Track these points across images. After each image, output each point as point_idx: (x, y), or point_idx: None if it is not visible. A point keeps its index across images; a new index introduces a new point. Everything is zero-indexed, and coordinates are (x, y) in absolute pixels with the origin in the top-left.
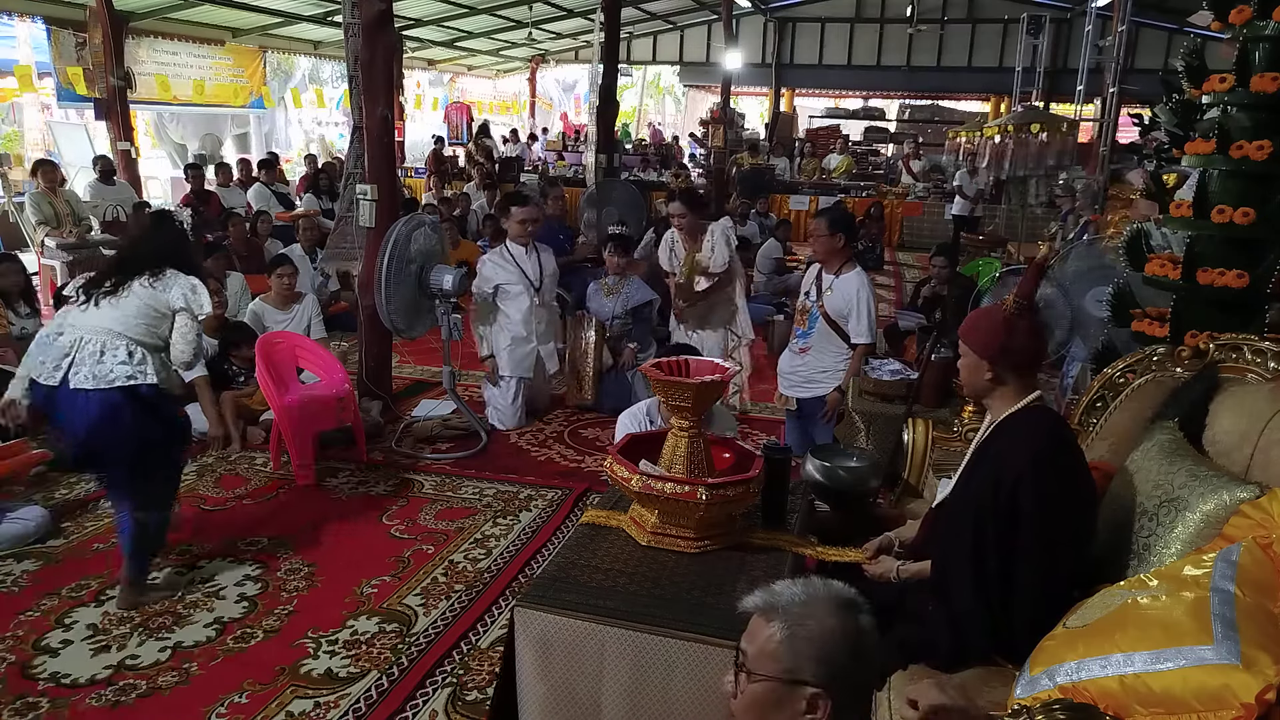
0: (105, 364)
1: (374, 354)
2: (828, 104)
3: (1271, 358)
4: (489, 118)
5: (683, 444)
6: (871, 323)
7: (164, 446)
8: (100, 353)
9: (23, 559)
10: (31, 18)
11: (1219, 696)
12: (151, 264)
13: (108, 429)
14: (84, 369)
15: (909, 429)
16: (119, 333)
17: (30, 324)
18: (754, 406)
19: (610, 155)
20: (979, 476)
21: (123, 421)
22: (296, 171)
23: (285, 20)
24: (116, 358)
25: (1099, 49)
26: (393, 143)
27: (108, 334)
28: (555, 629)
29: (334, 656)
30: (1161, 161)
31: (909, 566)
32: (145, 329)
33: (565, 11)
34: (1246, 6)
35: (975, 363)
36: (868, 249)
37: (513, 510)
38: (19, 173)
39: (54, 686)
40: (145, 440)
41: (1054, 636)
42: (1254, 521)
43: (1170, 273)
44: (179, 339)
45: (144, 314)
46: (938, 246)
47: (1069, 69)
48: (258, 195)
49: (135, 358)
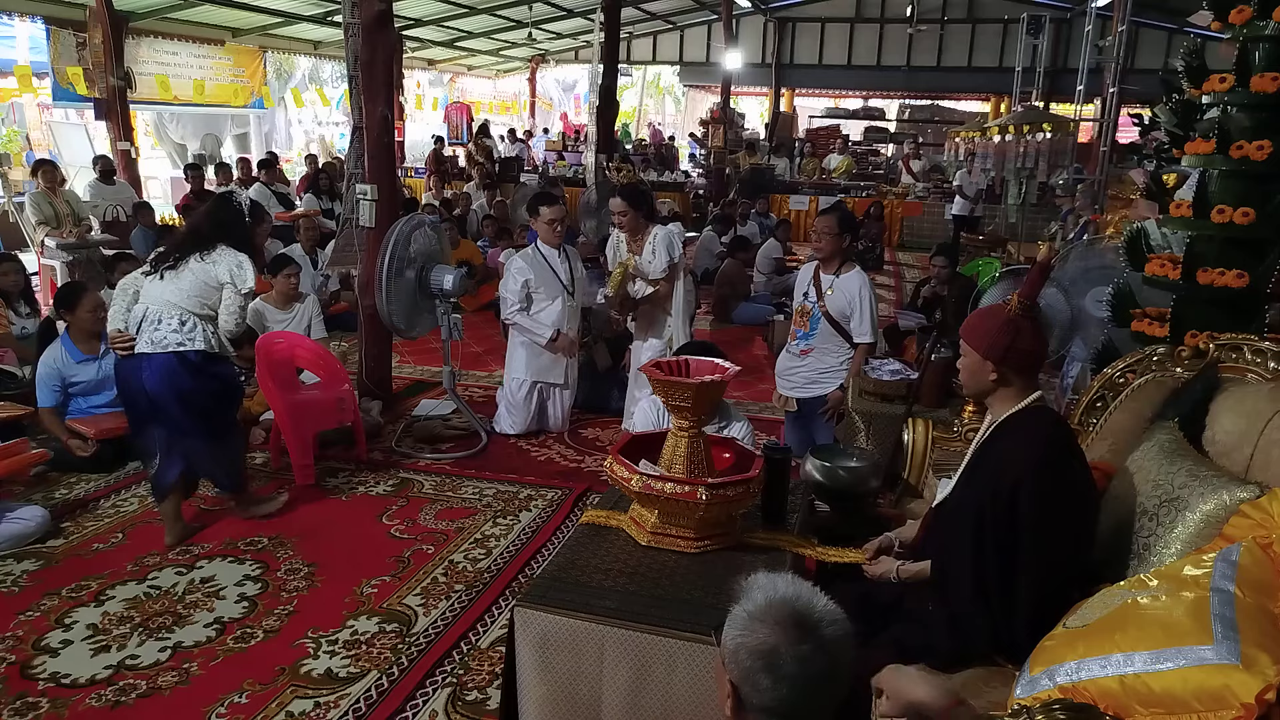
0: (160, 331)
1: (374, 354)
2: (828, 104)
3: (1271, 358)
4: (489, 118)
5: (683, 444)
6: (874, 322)
7: (215, 401)
8: (158, 321)
9: (23, 559)
10: (31, 17)
11: (1219, 696)
12: (207, 242)
13: (162, 387)
14: (145, 335)
15: (909, 429)
16: (175, 304)
17: (30, 324)
18: (754, 407)
19: (610, 155)
20: (979, 477)
21: (174, 381)
22: (296, 171)
23: (285, 20)
24: (170, 326)
25: (1099, 49)
26: (393, 143)
27: (165, 305)
28: (555, 629)
29: (334, 656)
30: (1161, 161)
31: (909, 566)
32: (197, 301)
33: (565, 11)
34: (1246, 6)
35: (979, 363)
36: (868, 249)
37: (513, 510)
38: (19, 172)
39: (54, 686)
40: (195, 396)
41: (1054, 636)
42: (1254, 521)
43: (1170, 273)
44: (223, 311)
45: (196, 287)
46: (938, 246)
47: (1069, 69)
48: (258, 195)
49: (186, 326)
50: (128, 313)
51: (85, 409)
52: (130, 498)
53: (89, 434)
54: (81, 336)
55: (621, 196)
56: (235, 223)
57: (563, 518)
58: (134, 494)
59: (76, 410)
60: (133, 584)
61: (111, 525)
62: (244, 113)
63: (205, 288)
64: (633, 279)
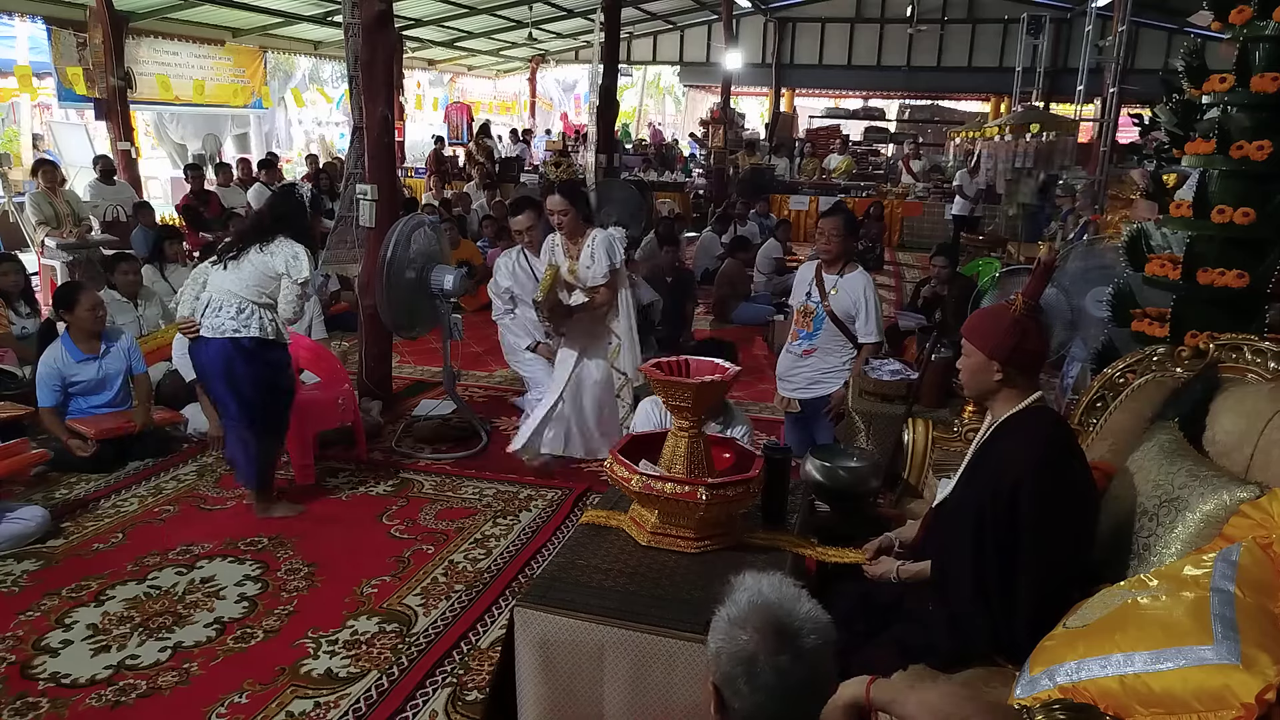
0: (219, 318)
1: (374, 354)
2: (828, 104)
3: (1271, 358)
4: (489, 118)
5: (683, 444)
6: (879, 322)
7: (266, 392)
8: (219, 308)
9: (23, 559)
10: (31, 17)
11: (1219, 696)
12: (268, 233)
13: (219, 369)
14: (207, 321)
15: (909, 429)
16: (234, 293)
17: (30, 324)
18: (754, 407)
19: (610, 155)
20: (980, 477)
21: (227, 364)
22: (297, 171)
23: (285, 20)
24: (228, 313)
25: (1099, 49)
26: (393, 143)
27: (226, 293)
28: (555, 629)
29: (334, 656)
30: (1161, 161)
31: (909, 566)
32: (256, 290)
33: (565, 11)
34: (1246, 6)
35: (983, 363)
36: (868, 249)
37: (513, 510)
38: (19, 172)
39: (54, 686)
40: (246, 381)
41: (1054, 636)
42: (1254, 521)
43: (1170, 273)
44: (281, 300)
45: (255, 277)
46: (938, 246)
47: (1069, 69)
48: (258, 195)
49: (243, 314)
50: (196, 300)
51: (85, 409)
52: (130, 498)
53: (89, 434)
54: (81, 336)
55: (562, 194)
56: (296, 214)
57: (563, 518)
58: (134, 494)
59: (76, 410)
60: (133, 584)
61: (111, 525)
62: (244, 113)
63: (263, 278)
64: (568, 287)
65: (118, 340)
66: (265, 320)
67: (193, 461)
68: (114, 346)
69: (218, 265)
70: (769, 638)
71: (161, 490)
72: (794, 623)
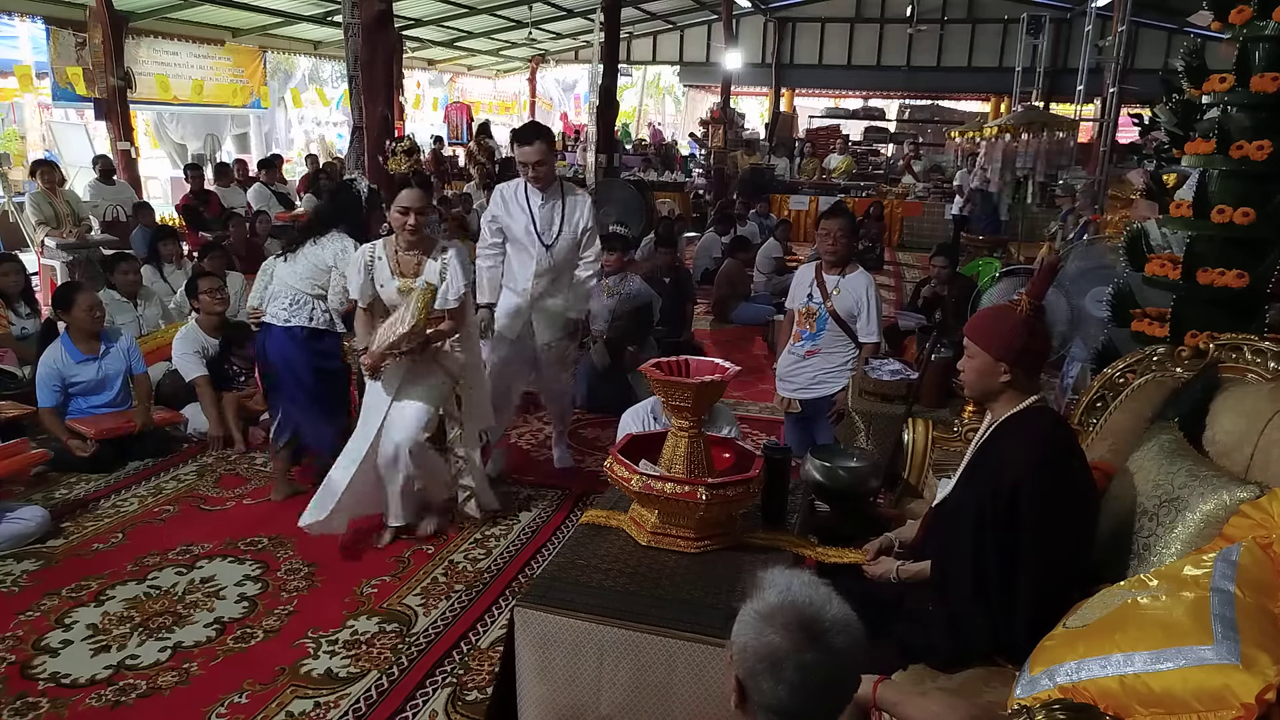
0: (275, 307)
1: None
2: (828, 104)
3: (1271, 358)
4: (489, 117)
5: (683, 444)
6: (880, 321)
7: (320, 378)
8: (277, 299)
9: (23, 559)
10: (31, 17)
11: (1219, 696)
12: (323, 226)
13: (274, 356)
14: (270, 310)
15: (909, 429)
16: (290, 285)
17: (30, 324)
18: (754, 407)
19: (610, 155)
20: (980, 477)
21: (282, 351)
22: (296, 171)
23: (285, 20)
24: (282, 304)
25: (1099, 49)
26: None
27: (284, 285)
28: (555, 629)
29: (334, 656)
30: (1161, 161)
31: (909, 566)
32: (309, 282)
33: (565, 11)
34: (1246, 6)
35: (989, 364)
36: (868, 249)
37: (513, 510)
38: (19, 172)
39: (54, 686)
40: (300, 368)
41: (1054, 636)
42: (1254, 521)
43: (1170, 273)
44: (331, 291)
45: (308, 270)
46: (938, 246)
47: (1069, 69)
48: (258, 195)
49: (296, 304)
50: (264, 291)
51: (85, 409)
52: (130, 498)
53: (89, 434)
54: (81, 336)
55: (420, 188)
56: (351, 209)
57: (563, 518)
58: (134, 494)
59: (76, 410)
60: (133, 584)
61: (111, 525)
62: (244, 113)
63: (316, 270)
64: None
65: (117, 340)
66: (317, 311)
67: (193, 461)
68: (114, 347)
69: (280, 259)
70: (797, 636)
71: (161, 490)
72: (823, 621)
